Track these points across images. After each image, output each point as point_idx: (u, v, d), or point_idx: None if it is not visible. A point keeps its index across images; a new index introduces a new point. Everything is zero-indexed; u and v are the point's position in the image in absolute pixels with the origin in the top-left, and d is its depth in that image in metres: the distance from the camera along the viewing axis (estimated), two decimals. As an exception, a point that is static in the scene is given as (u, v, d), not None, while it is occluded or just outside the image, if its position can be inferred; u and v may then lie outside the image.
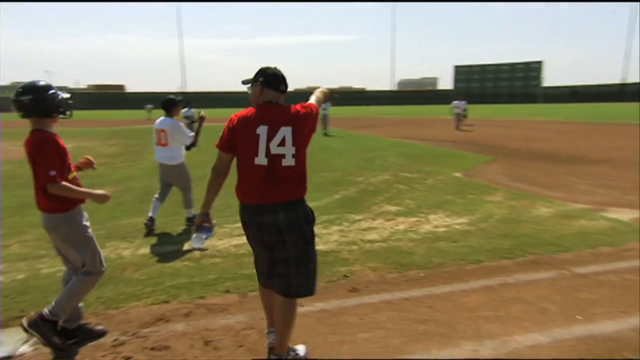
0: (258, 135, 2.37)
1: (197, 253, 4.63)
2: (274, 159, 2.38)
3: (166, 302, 3.53)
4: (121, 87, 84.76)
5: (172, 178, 5.70)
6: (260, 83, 2.49)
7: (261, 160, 2.38)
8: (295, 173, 2.44)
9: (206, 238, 2.57)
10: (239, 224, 5.52)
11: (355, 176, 9.12)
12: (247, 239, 2.65)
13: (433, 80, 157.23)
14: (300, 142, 2.43)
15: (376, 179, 8.76)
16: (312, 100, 2.80)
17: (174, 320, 3.24)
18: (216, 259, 4.47)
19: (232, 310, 3.37)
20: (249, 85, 2.57)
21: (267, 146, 2.37)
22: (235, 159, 2.52)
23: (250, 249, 2.76)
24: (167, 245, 5.00)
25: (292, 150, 2.39)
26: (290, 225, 2.43)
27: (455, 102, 23.13)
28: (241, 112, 2.48)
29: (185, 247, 4.89)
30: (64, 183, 2.66)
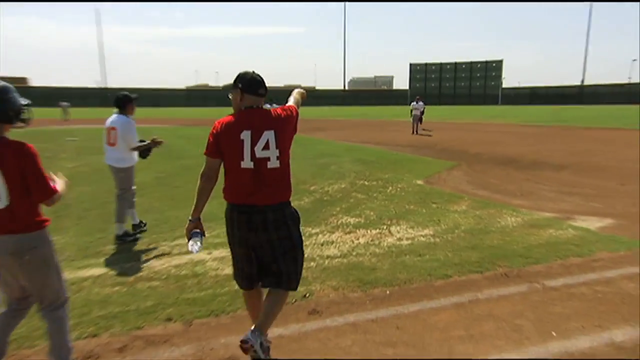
0: (242, 141, 2.69)
1: (130, 277, 4.48)
2: (260, 162, 2.71)
3: (95, 335, 3.38)
4: (23, 80, 79.49)
5: (116, 181, 5.71)
6: (239, 89, 2.79)
7: (247, 164, 2.70)
8: (281, 175, 2.79)
9: (201, 242, 2.83)
10: (180, 241, 5.51)
11: (308, 185, 9.17)
12: (231, 240, 2.91)
13: (388, 79, 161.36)
14: (284, 144, 2.78)
15: (332, 188, 8.85)
16: (291, 101, 3.14)
17: (106, 356, 3.11)
18: (154, 282, 4.33)
19: (176, 342, 3.28)
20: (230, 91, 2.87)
21: (251, 150, 2.69)
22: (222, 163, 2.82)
23: (195, 270, 2.83)
24: (93, 268, 4.76)
25: (276, 152, 2.73)
26: (278, 225, 2.78)
27: (413, 103, 23.92)
28: (224, 118, 2.79)
29: (116, 270, 4.70)
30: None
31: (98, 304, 3.89)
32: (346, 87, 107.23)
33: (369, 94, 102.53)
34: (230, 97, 2.88)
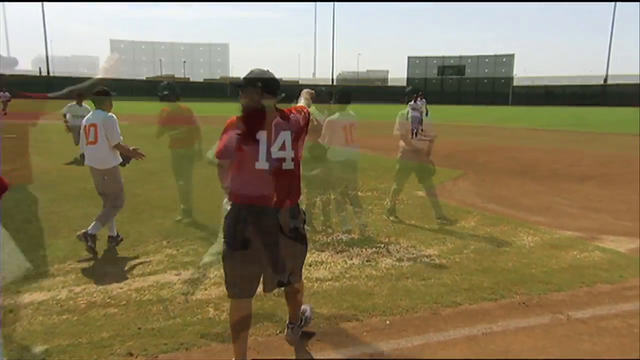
0: (258, 141, 3.07)
1: (82, 303, 4.42)
2: (275, 163, 3.10)
3: (38, 373, 3.31)
4: None
5: (101, 186, 5.83)
6: (260, 89, 3.12)
7: (262, 164, 3.08)
8: (294, 176, 3.24)
9: None
10: (141, 260, 5.47)
11: (291, 195, 9.14)
12: (232, 240, 3.17)
13: (383, 74, 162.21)
14: (298, 145, 3.20)
15: (320, 199, 8.81)
16: (302, 102, 3.68)
17: (53, 398, 3.04)
18: (111, 309, 4.27)
19: (138, 381, 3.24)
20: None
21: (267, 151, 3.08)
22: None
23: (160, 295, 2.82)
24: (36, 292, 4.67)
25: (292, 153, 3.14)
26: (288, 229, 3.18)
27: (411, 102, 23.64)
28: (235, 118, 3.17)
29: (64, 294, 4.61)
30: None
31: (42, 336, 3.82)
32: (334, 83, 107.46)
33: (362, 91, 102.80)
34: (241, 94, 3.20)
